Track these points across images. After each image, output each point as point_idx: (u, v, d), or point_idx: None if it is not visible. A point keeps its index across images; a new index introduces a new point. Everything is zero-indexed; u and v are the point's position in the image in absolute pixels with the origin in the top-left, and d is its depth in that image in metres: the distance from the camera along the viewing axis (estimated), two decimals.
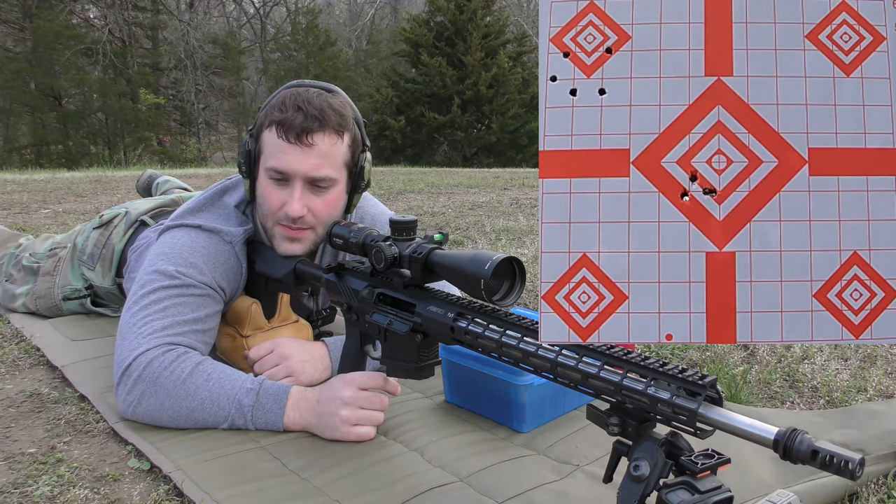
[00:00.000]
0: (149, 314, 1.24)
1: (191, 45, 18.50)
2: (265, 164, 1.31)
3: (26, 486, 1.03)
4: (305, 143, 1.28)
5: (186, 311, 1.26)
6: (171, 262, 1.29)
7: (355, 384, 1.15)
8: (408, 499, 0.99)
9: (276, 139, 1.28)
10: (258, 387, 1.18)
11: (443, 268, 1.04)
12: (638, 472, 0.75)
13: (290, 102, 1.28)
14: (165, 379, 1.17)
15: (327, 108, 1.29)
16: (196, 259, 1.31)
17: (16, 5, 16.65)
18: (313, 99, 1.29)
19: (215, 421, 1.17)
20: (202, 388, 1.17)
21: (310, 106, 1.28)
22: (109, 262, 1.72)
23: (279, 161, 1.29)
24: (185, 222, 1.36)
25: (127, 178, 5.59)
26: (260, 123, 1.33)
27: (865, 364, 1.51)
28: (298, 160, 1.28)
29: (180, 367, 1.18)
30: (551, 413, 1.23)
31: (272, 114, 1.30)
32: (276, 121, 1.28)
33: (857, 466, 0.64)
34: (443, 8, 16.62)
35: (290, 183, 1.30)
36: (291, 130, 1.27)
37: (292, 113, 1.27)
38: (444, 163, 14.94)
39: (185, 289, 1.27)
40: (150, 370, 1.17)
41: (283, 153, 1.28)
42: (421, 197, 4.42)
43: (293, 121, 1.27)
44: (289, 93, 1.31)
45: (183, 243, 1.32)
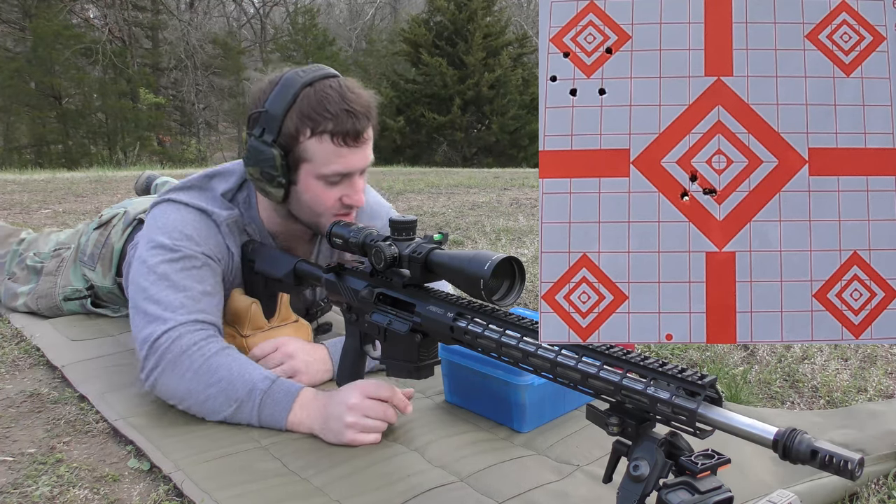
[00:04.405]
0: (162, 288, 1.26)
1: (191, 45, 18.50)
2: (320, 171, 1.28)
3: (26, 487, 1.03)
4: (363, 140, 1.30)
5: (195, 285, 1.28)
6: (167, 235, 1.31)
7: (364, 393, 1.15)
8: (408, 499, 0.99)
9: (335, 147, 1.27)
10: (274, 377, 1.20)
11: (442, 268, 1.04)
12: (637, 472, 0.75)
13: (335, 108, 1.25)
14: (192, 353, 1.20)
15: (365, 101, 1.30)
16: (189, 231, 1.32)
17: (16, 5, 16.65)
18: (349, 96, 1.28)
19: (226, 402, 1.18)
20: (223, 367, 1.20)
21: (354, 105, 1.27)
22: (109, 261, 1.72)
23: (343, 166, 1.29)
24: (173, 198, 1.37)
25: (127, 178, 5.59)
26: (293, 132, 1.27)
27: (865, 364, 1.51)
28: (360, 159, 1.31)
29: (207, 346, 1.22)
30: (551, 413, 1.23)
31: (317, 123, 1.25)
32: (329, 131, 1.26)
33: (856, 466, 0.64)
34: (442, 8, 16.61)
35: (345, 179, 1.31)
36: (350, 136, 1.27)
37: (345, 118, 1.26)
38: (443, 163, 14.93)
39: (187, 261, 1.29)
40: (178, 344, 1.21)
41: (344, 157, 1.28)
42: (421, 197, 4.42)
43: (350, 126, 1.26)
44: (318, 96, 1.26)
45: (174, 217, 1.34)
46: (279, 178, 1.29)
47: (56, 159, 14.72)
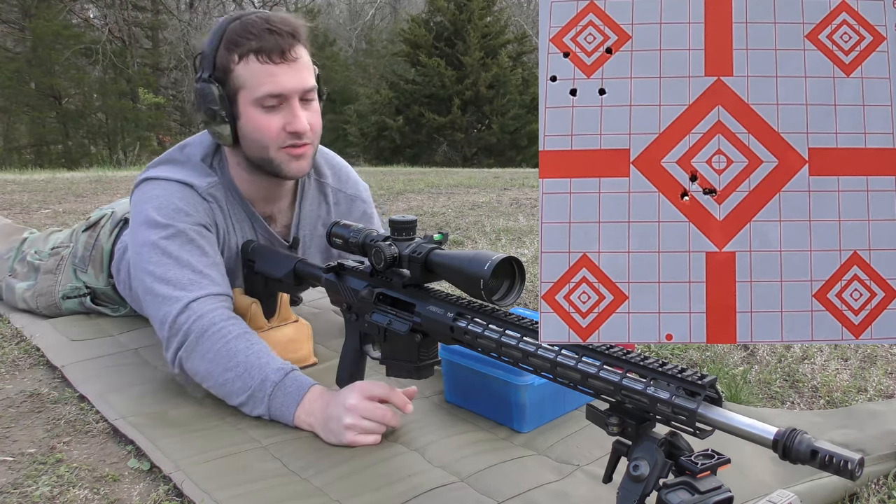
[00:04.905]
0: (166, 268, 1.27)
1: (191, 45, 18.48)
2: (254, 95, 1.29)
3: (26, 487, 1.03)
4: (291, 58, 1.29)
5: (198, 257, 1.29)
6: (157, 212, 1.31)
7: (362, 393, 1.15)
8: (408, 499, 0.99)
9: (261, 66, 1.27)
10: (289, 369, 1.21)
11: (442, 268, 1.04)
12: (637, 472, 0.75)
13: (257, 29, 1.28)
14: (213, 335, 1.22)
15: (291, 22, 1.30)
16: (176, 203, 1.33)
17: (15, 5, 16.64)
18: (273, 18, 1.30)
19: (241, 388, 1.19)
20: (241, 352, 1.20)
21: (278, 24, 1.28)
22: (100, 263, 1.72)
23: (273, 85, 1.28)
24: (152, 175, 1.37)
25: (127, 178, 5.59)
26: (224, 62, 1.30)
27: (865, 364, 1.51)
28: (290, 78, 1.29)
29: (228, 329, 1.23)
30: (551, 413, 1.23)
31: (242, 46, 1.28)
32: (253, 49, 1.27)
33: (856, 466, 0.64)
34: (442, 8, 16.61)
35: (283, 104, 1.30)
36: (275, 52, 1.27)
37: (267, 36, 1.27)
38: (443, 163, 14.92)
39: (183, 235, 1.30)
40: (199, 324, 1.23)
41: (275, 76, 1.28)
42: (421, 197, 4.42)
43: (273, 42, 1.27)
44: (243, 23, 1.30)
45: (159, 193, 1.34)
46: (220, 111, 1.31)
47: (56, 159, 14.71)
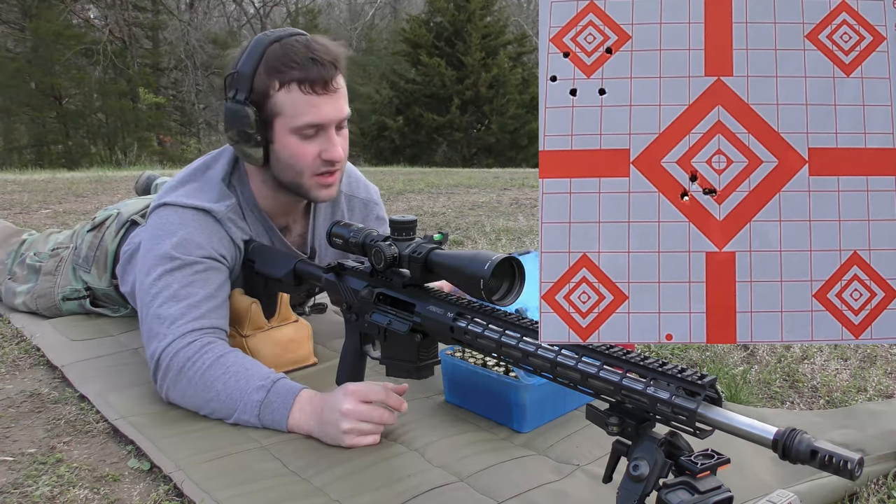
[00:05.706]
0: (162, 302, 1.26)
1: (191, 45, 18.49)
2: (293, 123, 1.29)
3: (26, 487, 1.03)
4: (332, 88, 1.30)
5: (197, 291, 1.28)
6: (168, 242, 1.30)
7: (357, 396, 1.14)
8: (408, 499, 0.99)
9: (303, 96, 1.28)
10: (270, 384, 1.19)
11: (442, 268, 1.04)
12: (637, 471, 0.75)
13: (300, 57, 1.28)
14: (188, 370, 1.21)
15: (333, 51, 1.31)
16: (190, 233, 1.32)
17: (16, 5, 16.63)
18: (315, 46, 1.30)
19: (227, 413, 1.19)
20: (219, 380, 1.20)
21: (321, 54, 1.29)
22: (104, 264, 1.72)
23: (315, 115, 1.29)
24: (170, 201, 1.36)
25: (127, 178, 5.58)
26: (263, 87, 1.29)
27: (865, 364, 1.51)
28: (331, 109, 1.30)
29: (202, 359, 1.22)
30: (551, 413, 1.23)
31: (284, 73, 1.28)
32: (296, 79, 1.27)
33: (856, 466, 0.64)
34: (441, 9, 16.61)
35: (320, 133, 1.31)
36: (318, 83, 1.28)
37: (311, 66, 1.27)
38: (443, 163, 14.91)
39: (189, 268, 1.29)
40: (175, 361, 1.22)
41: (316, 107, 1.29)
42: (421, 197, 4.42)
43: (316, 73, 1.27)
44: (284, 49, 1.29)
45: (173, 220, 1.33)
46: (255, 135, 1.31)
47: (56, 159, 14.70)
